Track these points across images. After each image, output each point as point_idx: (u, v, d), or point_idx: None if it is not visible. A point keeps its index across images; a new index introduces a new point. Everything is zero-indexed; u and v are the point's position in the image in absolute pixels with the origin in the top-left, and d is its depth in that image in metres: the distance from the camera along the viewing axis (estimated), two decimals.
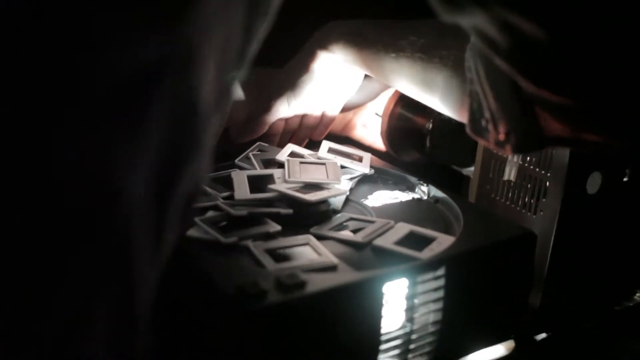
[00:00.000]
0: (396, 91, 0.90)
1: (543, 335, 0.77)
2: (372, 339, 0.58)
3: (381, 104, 0.91)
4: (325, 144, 0.80)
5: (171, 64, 0.36)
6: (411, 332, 0.60)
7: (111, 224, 0.37)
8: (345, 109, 0.88)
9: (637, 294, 0.83)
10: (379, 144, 0.92)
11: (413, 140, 0.90)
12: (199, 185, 0.44)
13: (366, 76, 0.83)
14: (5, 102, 0.33)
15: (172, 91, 0.37)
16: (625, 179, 0.76)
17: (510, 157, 0.77)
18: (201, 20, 0.37)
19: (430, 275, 0.59)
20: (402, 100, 0.89)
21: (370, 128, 0.93)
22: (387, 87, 0.89)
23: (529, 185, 0.75)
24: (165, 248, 0.42)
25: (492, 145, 0.60)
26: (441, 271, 0.60)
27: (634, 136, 0.52)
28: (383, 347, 0.58)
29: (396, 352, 0.59)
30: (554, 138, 0.55)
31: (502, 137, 0.58)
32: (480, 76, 0.56)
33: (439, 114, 0.86)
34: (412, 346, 0.60)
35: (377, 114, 0.91)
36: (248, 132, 0.81)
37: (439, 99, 0.71)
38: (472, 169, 0.82)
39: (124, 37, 0.34)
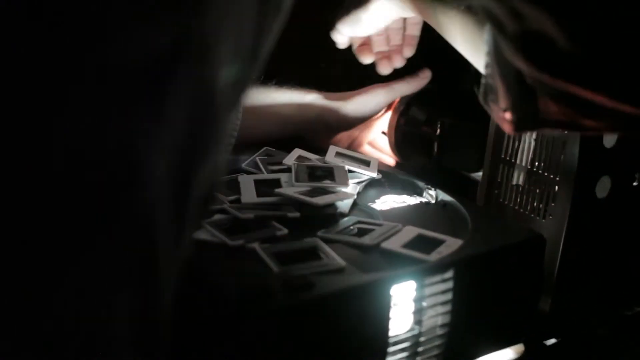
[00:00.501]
0: (397, 105, 0.90)
1: (553, 341, 0.77)
2: (380, 341, 0.57)
3: (386, 122, 0.91)
4: (333, 149, 0.79)
5: (185, 53, 0.37)
6: (419, 334, 0.59)
7: (133, 207, 0.37)
8: (352, 124, 0.89)
9: None
10: (387, 159, 0.92)
11: (422, 148, 0.90)
12: (216, 184, 0.44)
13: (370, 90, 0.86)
14: (28, 86, 0.33)
15: (188, 80, 0.37)
16: (635, 184, 0.76)
17: (518, 161, 0.77)
18: (213, 12, 0.37)
19: (438, 277, 0.59)
20: (406, 112, 0.89)
21: (377, 145, 0.94)
22: (392, 99, 0.89)
23: (537, 190, 0.75)
24: (185, 244, 0.43)
25: (496, 119, 0.62)
26: (449, 274, 0.59)
27: (628, 123, 0.53)
28: (391, 349, 0.58)
29: (404, 354, 0.59)
30: (551, 121, 0.57)
31: (502, 113, 0.60)
32: (492, 53, 0.57)
33: (446, 120, 0.86)
34: (420, 349, 0.60)
35: (383, 132, 0.92)
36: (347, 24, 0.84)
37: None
38: (480, 173, 0.82)
39: (138, 25, 0.35)
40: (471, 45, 0.73)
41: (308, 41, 0.90)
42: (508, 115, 0.59)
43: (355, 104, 0.87)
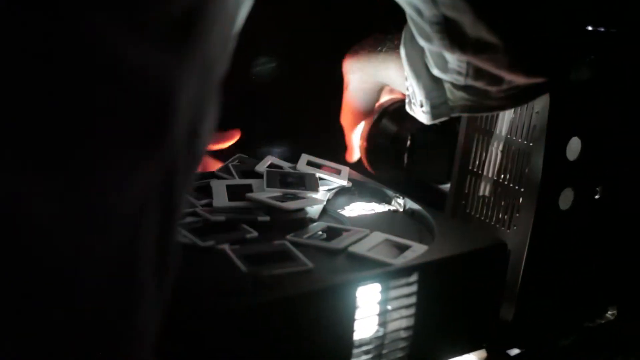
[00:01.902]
0: (372, 117, 0.92)
1: (516, 351, 0.78)
2: (345, 342, 0.59)
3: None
4: (304, 157, 0.81)
5: (198, 16, 0.41)
6: (384, 336, 0.61)
7: (167, 133, 0.40)
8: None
9: (609, 311, 0.85)
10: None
11: (392, 159, 0.91)
12: (209, 139, 0.47)
13: None
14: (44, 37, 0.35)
15: (198, 50, 0.41)
16: (597, 197, 0.78)
17: (485, 172, 0.79)
18: None
19: (402, 281, 0.61)
20: (377, 124, 0.91)
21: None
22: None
23: (502, 201, 0.77)
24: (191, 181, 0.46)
25: (417, 116, 0.76)
26: (413, 278, 0.61)
27: (518, 96, 0.69)
28: (355, 350, 0.59)
29: (368, 356, 0.60)
30: (458, 106, 0.71)
31: (420, 108, 0.73)
32: (404, 58, 0.72)
33: (416, 132, 0.88)
34: (384, 351, 0.61)
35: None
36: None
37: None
38: (448, 185, 0.84)
39: None
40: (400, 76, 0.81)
41: None
42: (424, 108, 0.73)
43: None
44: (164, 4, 0.38)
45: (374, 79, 0.87)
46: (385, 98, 0.92)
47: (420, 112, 0.75)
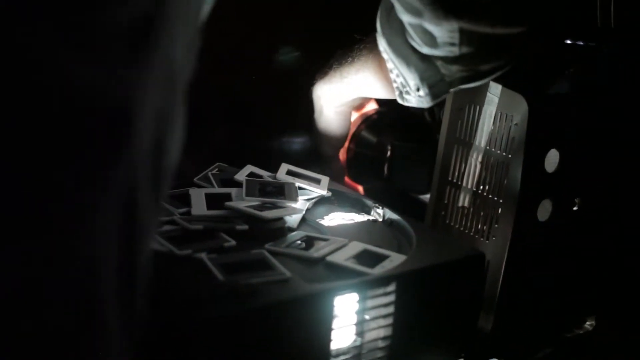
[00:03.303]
0: (351, 128, 0.92)
1: None
2: (322, 352, 0.58)
3: None
4: (284, 167, 0.81)
5: (155, 27, 0.39)
6: (361, 346, 0.60)
7: (123, 167, 0.38)
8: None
9: (588, 322, 0.85)
10: None
11: (372, 169, 0.92)
12: (174, 161, 0.45)
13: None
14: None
15: (158, 54, 0.39)
16: (575, 208, 0.79)
17: (464, 183, 0.79)
18: None
19: (380, 290, 0.61)
20: (357, 134, 0.92)
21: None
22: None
23: (482, 212, 0.77)
24: (160, 208, 0.44)
25: (415, 103, 0.74)
26: (391, 287, 0.61)
27: (524, 52, 0.70)
28: (333, 359, 0.59)
29: None
30: (456, 79, 0.70)
31: (416, 93, 0.72)
32: (386, 48, 0.70)
33: (396, 142, 0.88)
34: None
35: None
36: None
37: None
38: (429, 195, 0.84)
39: None
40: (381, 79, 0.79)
41: None
42: (422, 92, 0.71)
43: None
44: (114, 13, 0.36)
45: (349, 97, 0.84)
46: (366, 108, 0.92)
47: (417, 97, 0.73)
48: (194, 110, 0.46)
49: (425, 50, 0.68)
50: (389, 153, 0.88)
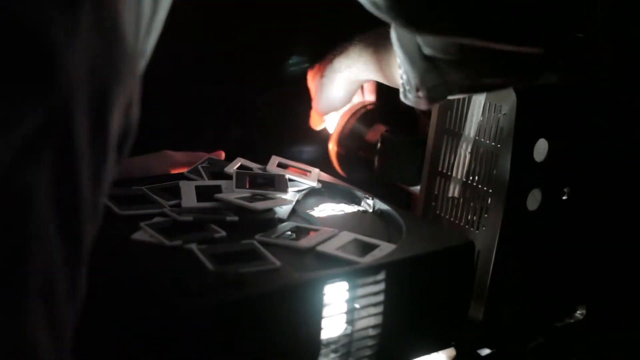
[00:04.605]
0: (341, 120, 0.92)
1: (487, 351, 0.79)
2: (312, 341, 0.59)
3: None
4: (275, 159, 0.81)
5: None
6: (351, 334, 0.61)
7: (48, 89, 0.38)
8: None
9: (578, 311, 0.85)
10: None
11: (363, 162, 0.92)
12: (131, 123, 0.45)
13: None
14: None
15: (96, 9, 0.39)
16: (564, 197, 0.79)
17: (454, 174, 0.79)
18: None
19: (370, 279, 0.61)
20: (348, 127, 0.92)
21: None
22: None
23: (472, 202, 0.78)
24: (106, 179, 0.43)
25: (414, 104, 0.73)
26: (381, 276, 0.61)
27: (527, 73, 0.66)
28: (324, 349, 0.59)
29: (337, 354, 0.60)
30: (457, 87, 0.68)
31: (417, 93, 0.70)
32: (395, 42, 0.68)
33: (386, 134, 0.89)
34: (352, 349, 0.61)
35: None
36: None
37: None
38: (419, 187, 0.85)
39: None
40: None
41: None
42: (421, 93, 0.70)
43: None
44: None
45: (363, 77, 0.85)
46: (355, 101, 0.93)
47: (416, 97, 0.72)
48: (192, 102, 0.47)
49: (427, 50, 0.66)
50: (379, 145, 0.89)
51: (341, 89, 0.88)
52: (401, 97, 0.74)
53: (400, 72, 0.72)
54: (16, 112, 0.37)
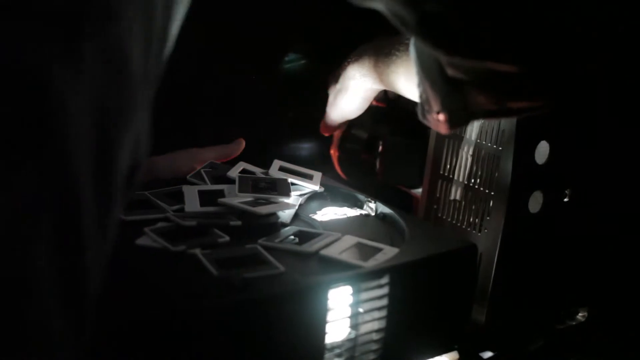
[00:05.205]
0: (341, 128, 0.93)
1: (489, 354, 0.79)
2: (316, 345, 0.59)
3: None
4: (277, 163, 0.81)
5: (91, 11, 0.38)
6: (355, 338, 0.61)
7: (50, 142, 0.36)
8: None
9: (580, 313, 0.86)
10: None
11: (364, 165, 0.92)
12: (140, 157, 0.44)
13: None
14: None
15: (97, 37, 0.38)
16: (565, 200, 0.79)
17: (456, 177, 0.79)
18: None
19: (374, 283, 0.61)
20: (348, 130, 0.92)
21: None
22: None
23: (473, 205, 0.78)
24: (113, 217, 0.42)
25: (433, 126, 0.66)
26: (385, 280, 0.61)
27: (555, 96, 0.59)
28: (328, 353, 0.59)
29: (341, 358, 0.60)
30: (480, 111, 0.62)
31: (435, 116, 0.64)
32: (415, 60, 0.63)
33: (388, 137, 0.89)
34: (356, 353, 0.61)
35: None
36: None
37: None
38: (420, 190, 0.85)
39: None
40: (412, 83, 0.75)
41: None
42: (441, 117, 0.63)
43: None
44: None
45: (376, 87, 0.84)
46: None
47: (436, 121, 0.65)
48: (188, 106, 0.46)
49: (451, 72, 0.59)
50: (380, 148, 0.89)
51: (356, 97, 0.87)
52: (419, 117, 0.67)
53: (419, 91, 0.65)
54: (11, 175, 0.35)
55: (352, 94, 0.86)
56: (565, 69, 0.56)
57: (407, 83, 0.78)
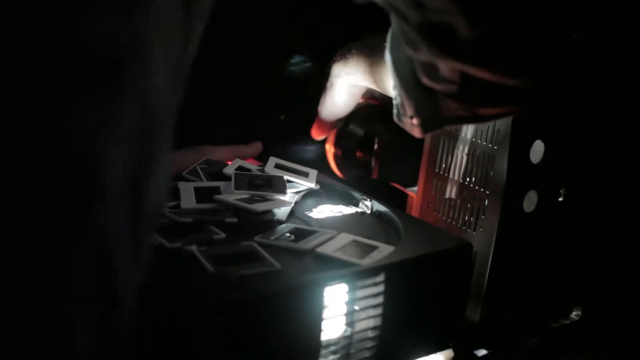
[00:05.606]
0: (337, 122, 0.93)
1: (484, 352, 0.79)
2: (312, 342, 0.59)
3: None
4: (273, 160, 0.81)
5: (126, 57, 0.38)
6: (351, 336, 0.61)
7: (89, 202, 0.37)
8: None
9: (574, 312, 0.86)
10: None
11: (360, 163, 0.92)
12: (163, 197, 0.44)
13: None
14: None
15: (132, 84, 0.38)
16: (560, 199, 0.80)
17: (451, 175, 0.80)
18: (151, 12, 0.39)
19: (370, 281, 0.61)
20: (344, 128, 0.92)
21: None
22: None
23: (468, 204, 0.78)
24: (144, 255, 0.42)
25: (407, 129, 0.70)
26: (380, 278, 0.61)
27: (514, 99, 0.61)
28: (323, 350, 0.60)
29: (336, 356, 0.61)
30: (453, 117, 0.65)
31: (409, 120, 0.67)
32: (391, 66, 0.66)
33: (384, 135, 0.89)
34: (352, 351, 0.61)
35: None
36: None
37: None
38: (416, 188, 0.85)
39: (94, 18, 0.36)
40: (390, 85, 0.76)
41: None
42: (415, 121, 0.67)
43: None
44: (80, 52, 0.34)
45: (361, 84, 0.85)
46: None
47: (410, 124, 0.68)
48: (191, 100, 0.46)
49: (425, 81, 0.62)
50: (376, 146, 0.89)
51: (343, 93, 0.87)
52: (395, 119, 0.70)
53: (394, 94, 0.68)
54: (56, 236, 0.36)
55: (337, 91, 0.87)
56: (565, 75, 0.60)
57: (386, 85, 0.78)
